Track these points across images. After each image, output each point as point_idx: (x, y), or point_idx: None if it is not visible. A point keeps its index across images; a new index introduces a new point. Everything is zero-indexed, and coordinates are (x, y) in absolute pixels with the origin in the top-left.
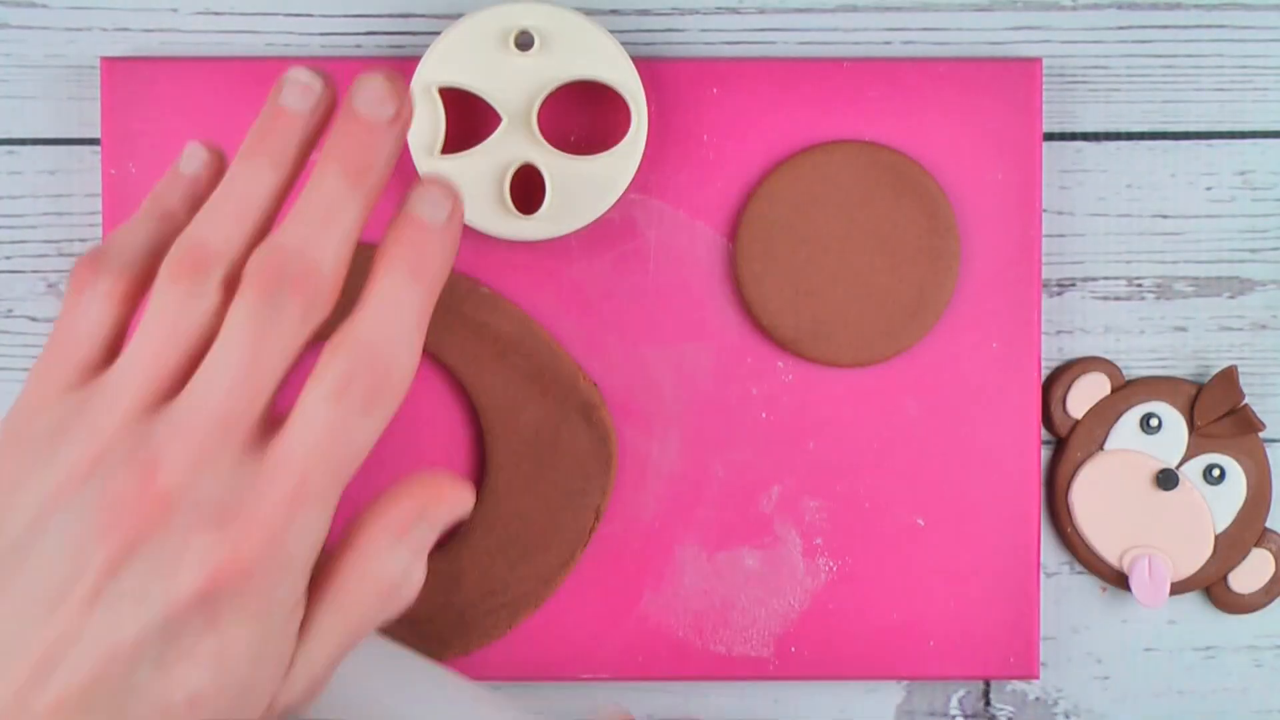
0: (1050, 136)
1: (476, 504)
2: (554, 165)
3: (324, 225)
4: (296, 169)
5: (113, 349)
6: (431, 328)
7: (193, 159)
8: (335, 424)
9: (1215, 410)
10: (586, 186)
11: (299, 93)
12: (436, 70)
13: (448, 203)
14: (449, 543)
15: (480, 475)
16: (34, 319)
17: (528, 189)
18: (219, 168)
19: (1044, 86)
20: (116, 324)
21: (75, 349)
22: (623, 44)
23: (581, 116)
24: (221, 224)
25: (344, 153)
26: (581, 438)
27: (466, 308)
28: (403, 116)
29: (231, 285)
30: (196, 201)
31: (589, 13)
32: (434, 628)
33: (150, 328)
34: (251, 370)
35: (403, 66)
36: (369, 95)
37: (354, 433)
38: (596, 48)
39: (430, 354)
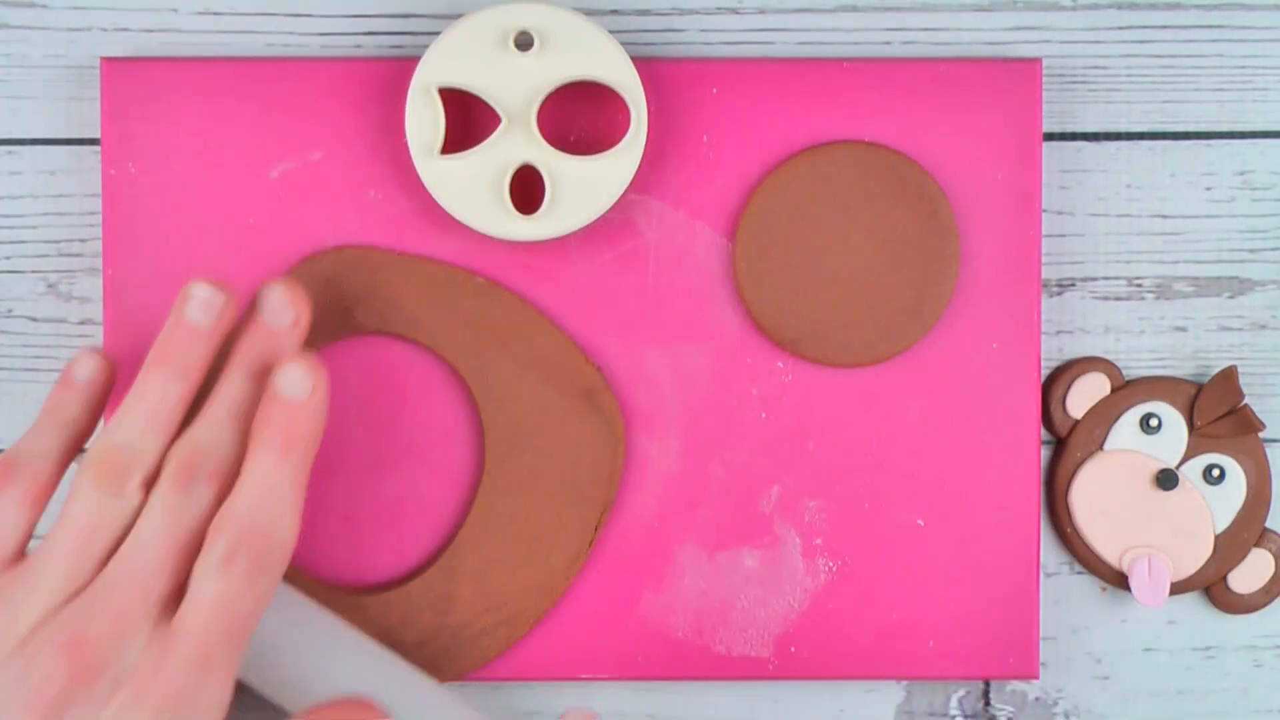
0: (1050, 136)
1: (474, 506)
2: (554, 165)
3: (233, 422)
4: (200, 375)
5: (24, 548)
6: (428, 320)
7: (84, 366)
8: (223, 593)
9: (1215, 410)
10: (586, 186)
11: (201, 308)
12: (436, 70)
13: (309, 379)
14: (441, 555)
15: (479, 474)
16: (34, 319)
17: (528, 189)
18: (110, 374)
19: (1044, 86)
20: (28, 526)
21: None
22: (623, 44)
23: (581, 117)
24: (134, 429)
25: (251, 357)
26: (587, 424)
27: (464, 299)
28: (302, 322)
29: (147, 485)
30: (93, 407)
31: (589, 13)
32: (426, 652)
33: (70, 524)
34: (170, 551)
35: (403, 67)
36: (273, 304)
37: (242, 599)
38: (596, 48)
39: (427, 347)
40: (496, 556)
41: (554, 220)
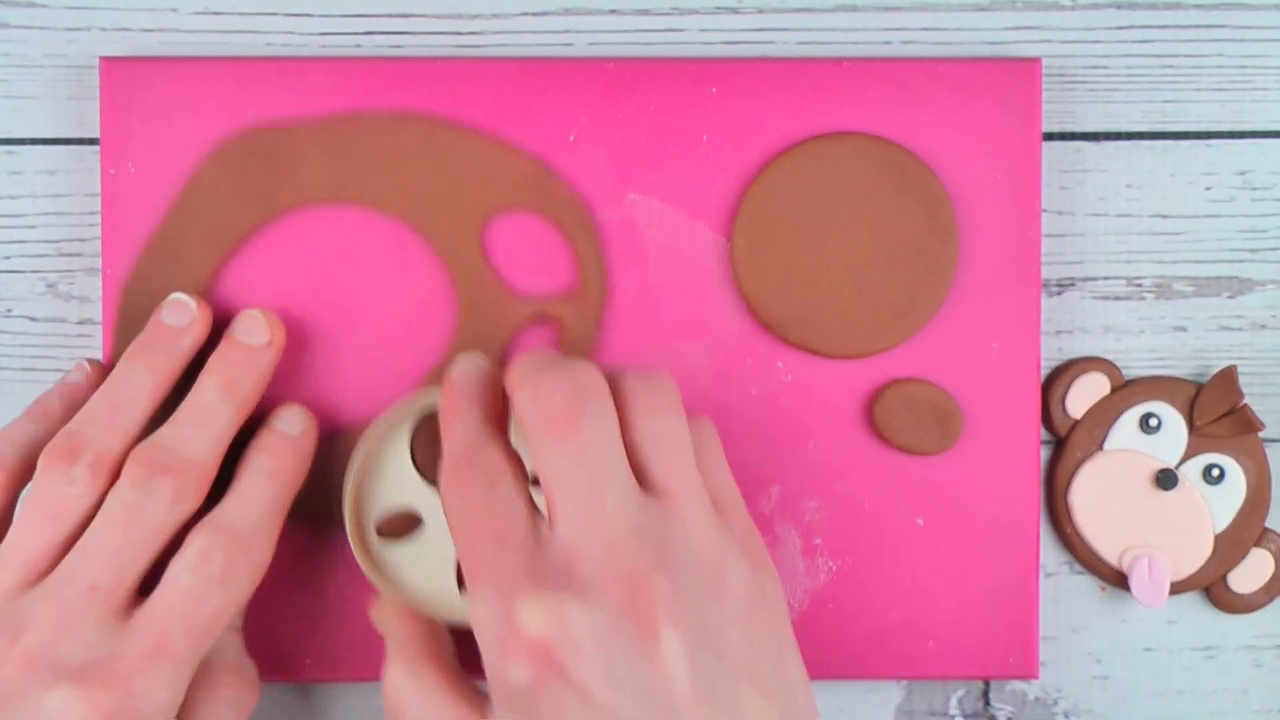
0: (1050, 136)
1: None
2: None
3: (198, 426)
4: (170, 378)
5: None
6: (351, 176)
7: (77, 371)
8: (193, 590)
9: (1215, 410)
10: None
11: (175, 311)
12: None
13: (303, 421)
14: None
15: (453, 332)
16: (34, 319)
17: None
18: (99, 378)
19: (1044, 86)
20: None
21: None
22: (622, 44)
23: None
24: (97, 418)
25: (223, 369)
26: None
27: (372, 138)
28: (275, 344)
29: (107, 476)
30: (74, 405)
31: (586, 12)
32: None
33: (27, 511)
34: (121, 546)
35: (403, 67)
36: (247, 325)
37: (211, 600)
38: None
39: (364, 203)
40: None
41: None
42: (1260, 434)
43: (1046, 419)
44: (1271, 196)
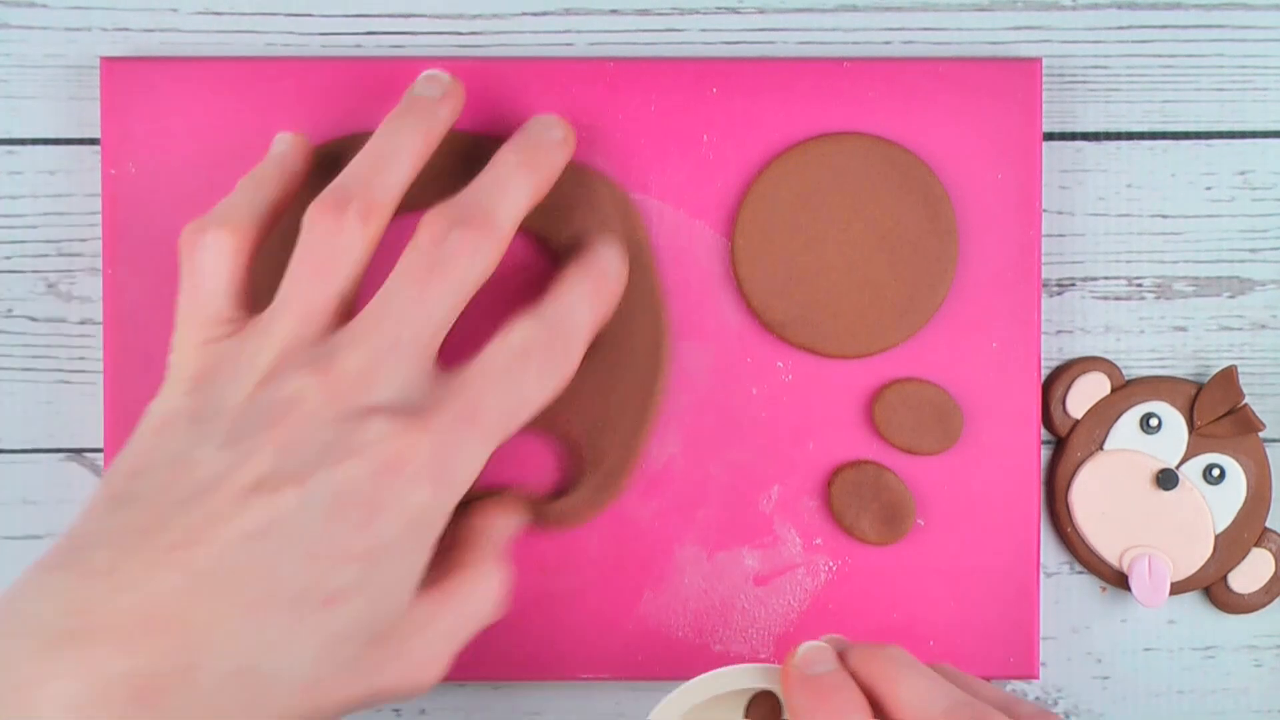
0: (1050, 136)
1: None
2: None
3: (499, 191)
4: (433, 141)
5: (241, 300)
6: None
7: (278, 144)
8: (513, 371)
9: (1215, 410)
10: None
11: (431, 84)
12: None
13: (623, 265)
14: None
15: None
16: (34, 319)
17: None
18: (303, 148)
19: (1044, 86)
20: (234, 275)
21: (202, 307)
22: (622, 44)
23: None
24: (361, 172)
25: (522, 148)
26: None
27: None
28: (569, 143)
29: (376, 226)
30: (288, 174)
31: (587, 12)
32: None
33: (296, 266)
34: (422, 298)
35: (403, 67)
36: (545, 121)
37: (525, 387)
38: None
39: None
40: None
41: None
42: (1260, 434)
43: (1046, 419)
44: (1271, 196)
